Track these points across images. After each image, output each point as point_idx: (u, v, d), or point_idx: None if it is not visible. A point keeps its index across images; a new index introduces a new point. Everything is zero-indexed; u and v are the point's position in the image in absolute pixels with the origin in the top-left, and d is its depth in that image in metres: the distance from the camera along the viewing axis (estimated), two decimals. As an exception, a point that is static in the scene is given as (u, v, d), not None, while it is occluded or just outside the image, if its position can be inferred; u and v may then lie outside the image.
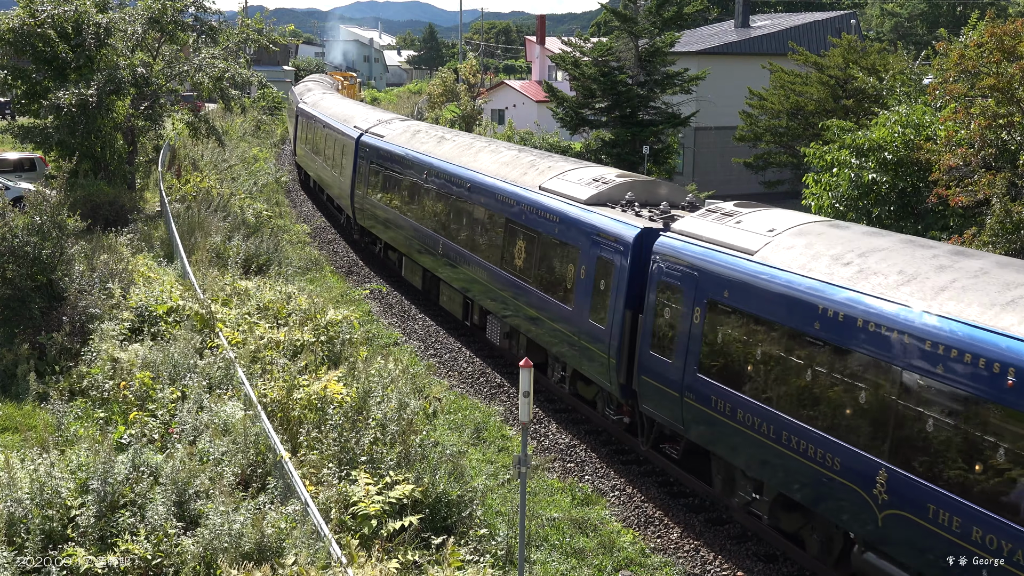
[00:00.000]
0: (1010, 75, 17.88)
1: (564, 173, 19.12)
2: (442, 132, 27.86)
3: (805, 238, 13.13)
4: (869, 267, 11.75)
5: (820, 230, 13.36)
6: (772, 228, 13.72)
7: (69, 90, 28.23)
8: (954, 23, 70.50)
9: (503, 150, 22.75)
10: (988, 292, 10.37)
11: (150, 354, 16.50)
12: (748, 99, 42.12)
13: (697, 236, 14.47)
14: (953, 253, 11.78)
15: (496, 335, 21.10)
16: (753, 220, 14.25)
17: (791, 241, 13.14)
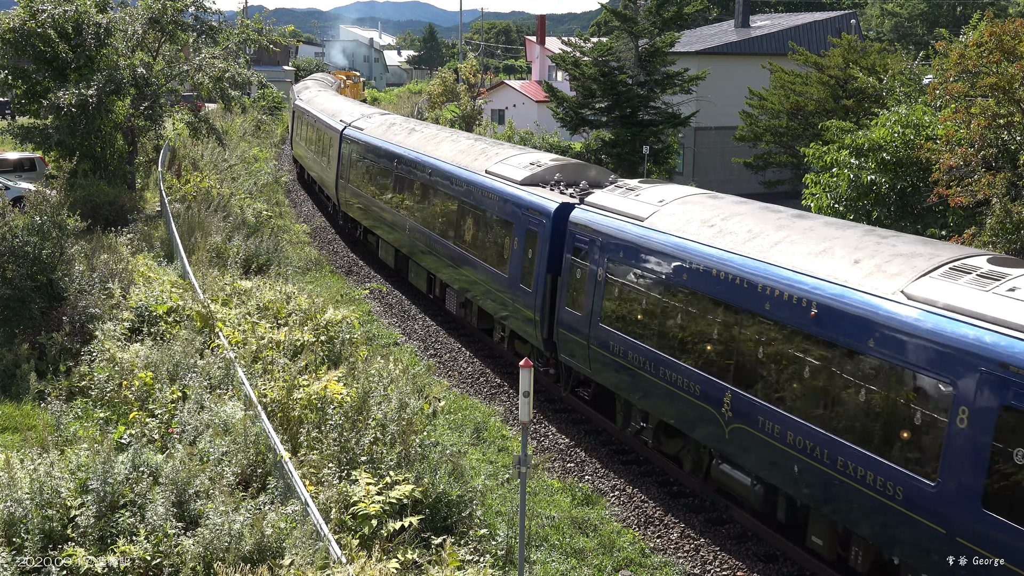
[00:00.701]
0: (1010, 75, 17.88)
1: (507, 158, 21.34)
2: (413, 125, 30.10)
3: (686, 206, 15.60)
4: (727, 228, 14.24)
5: (699, 200, 15.81)
6: (662, 199, 16.19)
7: (69, 90, 28.23)
8: (954, 23, 70.49)
9: (462, 139, 25.23)
10: (808, 245, 12.90)
11: (150, 354, 16.49)
12: (748, 99, 42.12)
13: (603, 207, 16.96)
14: (794, 216, 14.26)
15: (453, 305, 23.44)
16: (649, 193, 16.73)
17: (674, 209, 15.60)
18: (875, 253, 12.14)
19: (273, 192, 41.03)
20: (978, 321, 10.20)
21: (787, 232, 13.43)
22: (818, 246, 12.76)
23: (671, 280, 14.60)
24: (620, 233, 15.97)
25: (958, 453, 9.99)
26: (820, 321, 11.83)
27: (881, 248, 12.25)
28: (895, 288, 11.32)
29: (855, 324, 11.40)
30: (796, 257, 12.73)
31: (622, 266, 15.82)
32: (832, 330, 11.68)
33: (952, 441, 10.05)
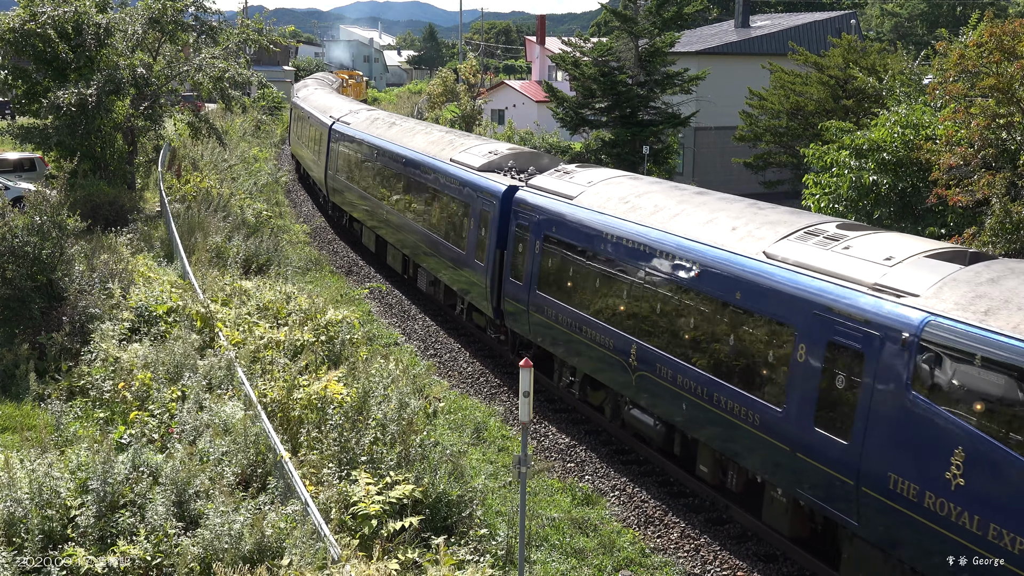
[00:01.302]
0: (1010, 75, 17.87)
1: (469, 148, 23.47)
2: (394, 120, 32.24)
3: (609, 186, 17.69)
4: (638, 204, 16.38)
5: (620, 180, 17.95)
6: (590, 180, 18.29)
7: (69, 90, 28.23)
8: (954, 23, 70.49)
9: (434, 132, 27.47)
10: (700, 216, 14.92)
11: (150, 354, 16.49)
12: (748, 99, 42.10)
13: (543, 189, 19.06)
14: (694, 193, 16.46)
15: (424, 283, 25.84)
16: (580, 175, 18.83)
17: (599, 189, 17.73)
18: (750, 221, 14.20)
19: (273, 192, 41.04)
20: (815, 274, 12.25)
21: (685, 206, 15.58)
22: (707, 217, 14.88)
23: (592, 249, 16.81)
24: (553, 210, 18.16)
25: (797, 383, 12.10)
26: (702, 279, 13.96)
27: (756, 217, 14.29)
28: (758, 249, 13.36)
29: (727, 280, 13.47)
30: (688, 226, 14.84)
31: (554, 239, 18.03)
32: (711, 286, 13.79)
33: (793, 373, 12.16)
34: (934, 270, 11.31)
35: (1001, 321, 9.93)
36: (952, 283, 10.88)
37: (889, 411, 10.77)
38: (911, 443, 10.50)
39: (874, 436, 10.92)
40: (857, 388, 11.21)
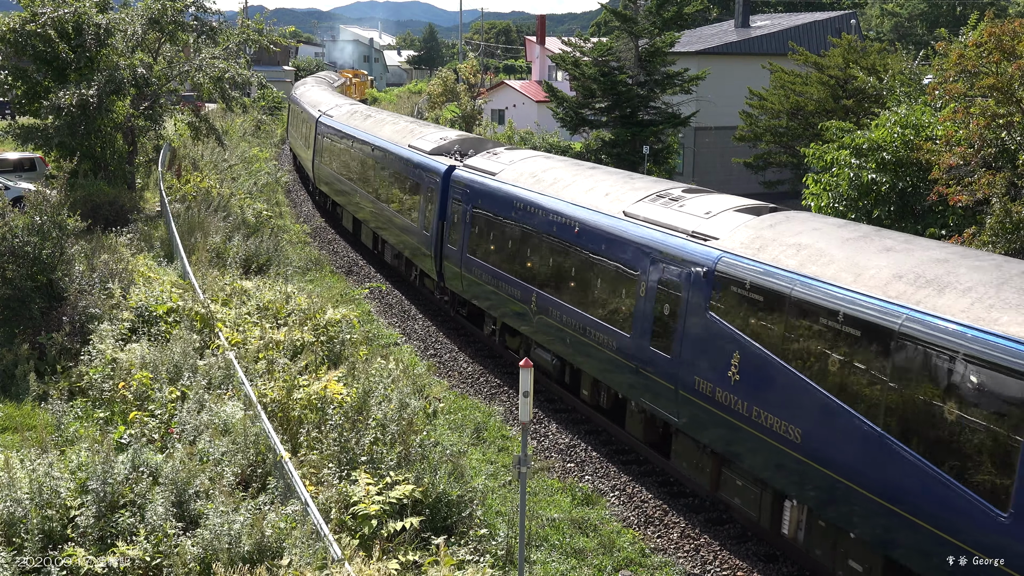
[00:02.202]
0: (1009, 75, 17.86)
1: (425, 135, 26.63)
2: (370, 112, 35.88)
3: (525, 164, 20.69)
4: (543, 178, 19.32)
5: (535, 159, 20.93)
6: (512, 160, 21.35)
7: (69, 90, 28.22)
8: (954, 23, 70.48)
9: (401, 122, 30.86)
10: (586, 186, 17.92)
11: (149, 354, 16.48)
12: (748, 99, 42.08)
13: (475, 168, 21.99)
14: (589, 167, 19.48)
15: (389, 257, 29.36)
16: (505, 156, 22.03)
17: (517, 166, 20.71)
18: (620, 188, 17.17)
19: (273, 192, 41.04)
20: (656, 227, 15.19)
21: (577, 178, 18.58)
22: (591, 186, 17.83)
23: (506, 216, 19.86)
24: (480, 185, 21.24)
25: (640, 313, 15.15)
26: (580, 235, 16.99)
27: (625, 185, 17.36)
28: (620, 210, 16.26)
29: (596, 235, 16.51)
30: (575, 194, 17.85)
31: (480, 209, 21.08)
32: (585, 240, 16.82)
33: (638, 306, 15.21)
34: (735, 220, 14.20)
35: (766, 255, 12.96)
36: (744, 228, 13.84)
37: (695, 329, 13.83)
38: (708, 352, 13.52)
39: (686, 349, 13.98)
40: (677, 313, 14.28)
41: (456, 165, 22.80)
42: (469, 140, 25.13)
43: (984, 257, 11.54)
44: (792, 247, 12.81)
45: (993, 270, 10.83)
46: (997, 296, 10.19)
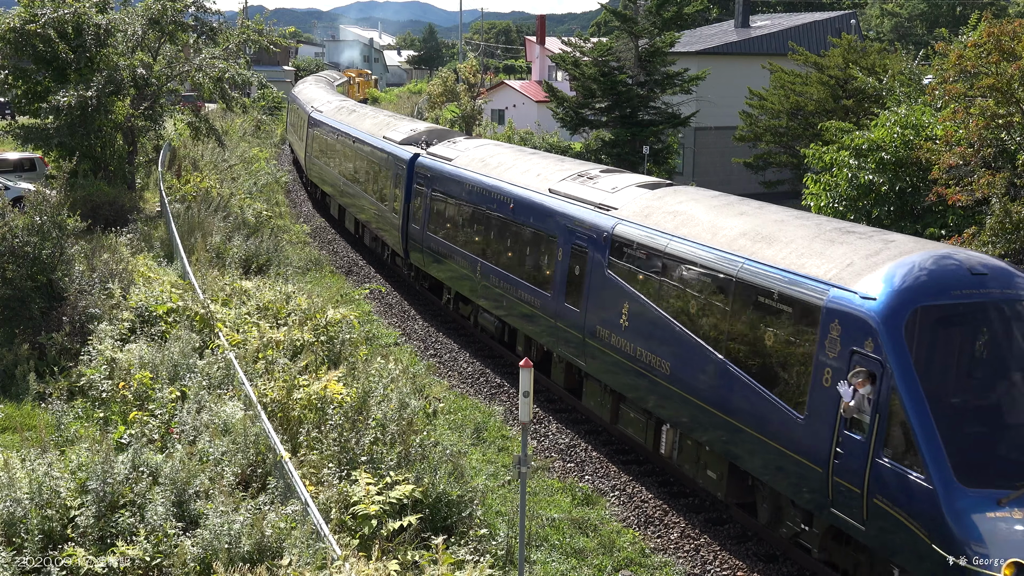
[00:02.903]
0: (1009, 75, 17.87)
1: (398, 127, 29.73)
2: (356, 108, 39.21)
3: (477, 151, 23.48)
4: (490, 163, 22.04)
5: (487, 146, 24.08)
6: (466, 147, 24.13)
7: (69, 90, 28.22)
8: (954, 23, 70.48)
9: (380, 116, 34.19)
10: (524, 168, 20.64)
11: (148, 354, 16.47)
12: (748, 99, 42.07)
13: (435, 155, 24.74)
14: (529, 153, 22.68)
15: (368, 239, 32.32)
16: (461, 144, 24.85)
17: (470, 153, 23.50)
18: (550, 170, 19.90)
19: (273, 192, 41.03)
20: (572, 201, 17.75)
21: (518, 162, 21.34)
22: (527, 168, 20.66)
23: (458, 196, 22.60)
24: (437, 170, 23.97)
25: (558, 274, 17.76)
26: (514, 210, 19.71)
27: (556, 167, 20.07)
28: (546, 187, 19.01)
29: (526, 209, 19.29)
30: (513, 175, 20.55)
31: (438, 191, 23.82)
32: (518, 214, 19.57)
33: (556, 269, 17.86)
34: (634, 193, 16.76)
35: (651, 221, 15.51)
36: (638, 200, 16.44)
37: (597, 285, 16.44)
38: (606, 304, 16.12)
39: (590, 303, 16.60)
40: (584, 272, 16.88)
41: (420, 153, 25.51)
42: (435, 131, 27.72)
43: (811, 218, 14.20)
44: (671, 214, 15.39)
45: (813, 227, 13.23)
46: (809, 247, 12.62)
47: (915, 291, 11.05)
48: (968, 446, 10.49)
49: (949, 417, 10.56)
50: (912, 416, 10.47)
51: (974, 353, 11.20)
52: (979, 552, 9.91)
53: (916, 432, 10.40)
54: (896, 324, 10.87)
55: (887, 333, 10.85)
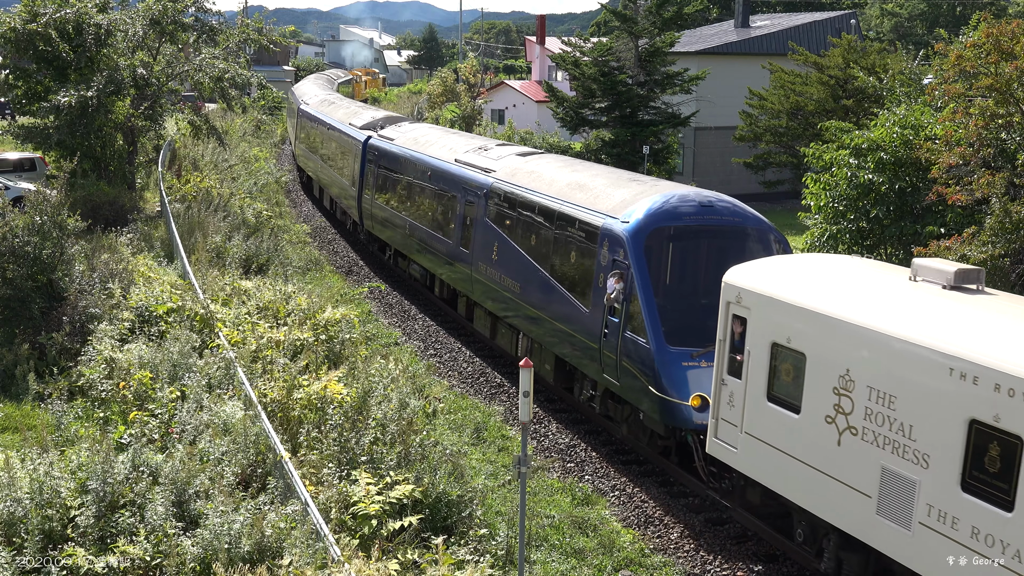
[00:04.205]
0: (1007, 75, 17.85)
1: (362, 115, 35.42)
2: (335, 100, 45.19)
3: (415, 131, 29.08)
4: (423, 141, 27.09)
5: (422, 128, 29.87)
6: (407, 130, 29.75)
7: (69, 90, 28.21)
8: (954, 23, 70.47)
9: (352, 107, 40.39)
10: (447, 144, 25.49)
11: (147, 354, 16.47)
12: (748, 99, 42.04)
13: (383, 136, 30.12)
14: (453, 133, 28.54)
15: (338, 213, 37.15)
16: (405, 126, 30.92)
17: (409, 133, 28.94)
18: (460, 144, 24.95)
19: (273, 192, 41.02)
20: (469, 168, 22.69)
21: (441, 139, 26.54)
22: (447, 144, 25.54)
23: (395, 169, 27.72)
24: (382, 148, 29.22)
25: (456, 225, 22.63)
26: (431, 177, 24.59)
27: (467, 142, 25.17)
28: (453, 158, 23.93)
29: (438, 175, 24.17)
30: (435, 150, 25.51)
31: (382, 165, 28.92)
32: (433, 180, 24.40)
33: (455, 221, 22.69)
34: (510, 160, 21.78)
35: (514, 179, 20.40)
36: (512, 164, 21.43)
37: (479, 230, 21.35)
38: (484, 245, 20.95)
39: (475, 244, 21.46)
40: (472, 222, 21.71)
41: (372, 135, 30.79)
42: (390, 118, 33.88)
43: (616, 172, 19.74)
44: (529, 173, 20.32)
45: (613, 179, 18.34)
46: (603, 191, 17.56)
47: (653, 217, 15.71)
48: (674, 320, 15.03)
49: (664, 302, 15.18)
50: (642, 302, 15.09)
51: (687, 259, 15.83)
52: (678, 389, 14.47)
53: (644, 312, 15.02)
54: (638, 240, 15.50)
55: (631, 246, 15.49)
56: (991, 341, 10.04)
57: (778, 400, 12.38)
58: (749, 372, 12.80)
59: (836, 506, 11.47)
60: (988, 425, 9.66)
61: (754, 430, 12.75)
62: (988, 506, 9.64)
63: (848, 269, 13.23)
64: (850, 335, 11.22)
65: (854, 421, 11.17)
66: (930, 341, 10.32)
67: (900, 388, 10.60)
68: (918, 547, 10.40)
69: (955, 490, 9.96)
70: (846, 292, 12.00)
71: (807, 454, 11.86)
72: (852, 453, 11.20)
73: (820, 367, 11.65)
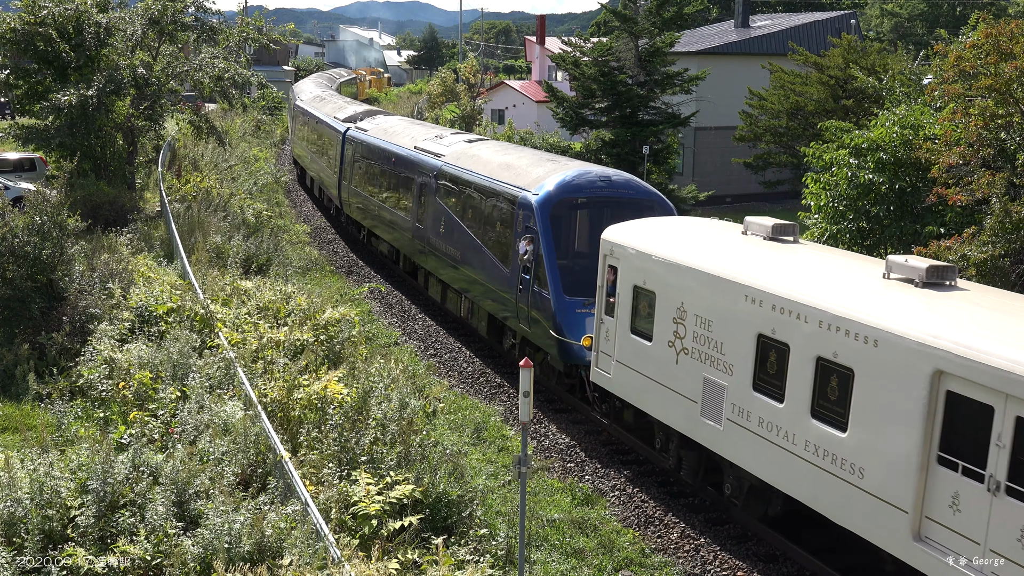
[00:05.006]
0: (1007, 76, 17.85)
1: (346, 109, 38.99)
2: (326, 96, 48.65)
3: (386, 123, 32.41)
4: (389, 130, 30.59)
5: (391, 119, 33.85)
6: (379, 122, 32.87)
7: (69, 90, 28.21)
8: (954, 23, 70.46)
9: (339, 102, 44.21)
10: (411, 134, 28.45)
11: (147, 354, 16.47)
12: (748, 99, 42.03)
13: (360, 127, 33.26)
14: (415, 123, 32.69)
15: (325, 199, 39.96)
16: (378, 119, 34.26)
17: (380, 125, 32.13)
18: (420, 133, 28.21)
19: (273, 192, 41.02)
20: (425, 153, 25.68)
21: (405, 130, 29.75)
22: (410, 133, 28.76)
23: (367, 156, 30.79)
24: (359, 138, 32.37)
25: (412, 202, 25.71)
26: (395, 163, 27.77)
27: (427, 131, 28.45)
28: (413, 145, 26.99)
29: (400, 160, 27.25)
30: (399, 139, 28.55)
31: (358, 153, 32.05)
32: (398, 166, 27.45)
33: (413, 200, 25.69)
34: (458, 145, 24.81)
35: (459, 161, 23.34)
36: (459, 149, 24.46)
37: (430, 207, 24.42)
38: (434, 219, 24.00)
39: (427, 220, 24.55)
40: (425, 199, 24.77)
41: (351, 127, 34.05)
42: (369, 111, 37.57)
43: (540, 155, 22.86)
44: (471, 156, 23.32)
45: (536, 160, 21.52)
46: (525, 170, 20.54)
47: (558, 190, 18.85)
48: (571, 275, 17.95)
49: (564, 260, 18.26)
50: (546, 261, 18.17)
51: (585, 225, 18.63)
52: (573, 332, 17.36)
53: (547, 269, 18.07)
54: (544, 210, 18.58)
55: (539, 214, 18.55)
56: (775, 275, 12.97)
57: (638, 332, 15.38)
58: (618, 311, 15.81)
59: (676, 413, 14.47)
60: (769, 337, 12.57)
61: (623, 358, 15.77)
62: (769, 400, 12.59)
63: (696, 228, 16.36)
64: (684, 275, 14.28)
65: (687, 344, 14.19)
66: (734, 275, 13.26)
67: (715, 314, 13.58)
68: (726, 437, 13.43)
69: (748, 390, 12.97)
70: (687, 244, 15.04)
71: (657, 373, 14.85)
72: (685, 369, 14.20)
73: (665, 302, 14.66)
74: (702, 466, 14.72)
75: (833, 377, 11.56)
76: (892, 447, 10.77)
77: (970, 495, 9.95)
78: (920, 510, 10.50)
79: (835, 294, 11.88)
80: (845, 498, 11.42)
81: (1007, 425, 9.60)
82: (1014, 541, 9.48)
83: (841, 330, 11.39)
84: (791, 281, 12.56)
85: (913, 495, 10.49)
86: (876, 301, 11.45)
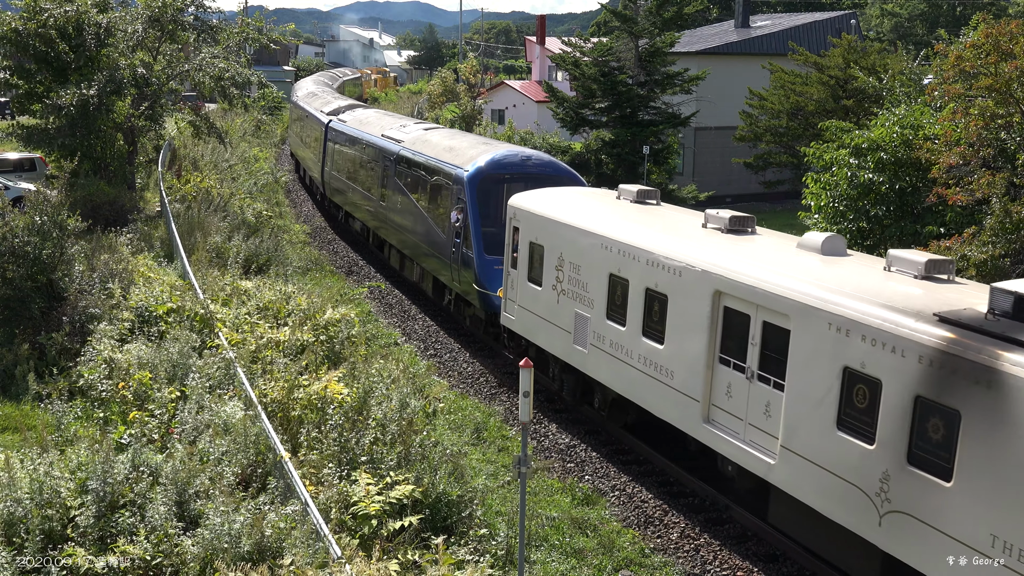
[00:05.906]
0: (1007, 76, 17.86)
1: (331, 103, 42.43)
2: (318, 93, 51.57)
3: (360, 114, 36.19)
4: (363, 121, 34.05)
5: (366, 111, 38.70)
6: (356, 114, 36.22)
7: (70, 90, 28.20)
8: (954, 23, 70.46)
9: (327, 97, 47.87)
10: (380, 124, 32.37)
11: (147, 354, 16.46)
12: (748, 99, 42.03)
13: (340, 119, 36.38)
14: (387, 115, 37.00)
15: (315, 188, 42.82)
16: (357, 111, 37.72)
17: (357, 116, 35.73)
18: (389, 123, 31.24)
19: (273, 192, 41.03)
20: (390, 140, 28.82)
21: (376, 121, 32.63)
22: (378, 124, 31.71)
23: (342, 144, 34.16)
24: (339, 128, 35.40)
25: (376, 183, 29.33)
26: (365, 149, 30.45)
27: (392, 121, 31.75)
28: (381, 133, 29.89)
29: (370, 147, 30.33)
30: (372, 128, 31.63)
31: (337, 142, 35.30)
32: (367, 152, 30.55)
33: (377, 180, 29.32)
34: (416, 132, 28.27)
35: (416, 146, 26.49)
36: (416, 135, 27.79)
37: (390, 187, 27.60)
38: (393, 196, 27.13)
39: (387, 195, 28.00)
40: (387, 181, 28.07)
41: (333, 119, 37.29)
42: (352, 105, 41.33)
43: (478, 139, 26.59)
44: (424, 141, 26.44)
45: (473, 143, 24.72)
46: (464, 151, 23.63)
47: (484, 167, 22.10)
48: (491, 238, 21.08)
49: (488, 228, 21.29)
50: (472, 226, 21.33)
51: (505, 196, 20.73)
52: (491, 284, 20.56)
53: (472, 233, 21.28)
54: (473, 184, 21.81)
55: (468, 188, 21.79)
56: (624, 228, 16.16)
57: (533, 280, 18.53)
58: (519, 263, 19.01)
59: (557, 343, 17.72)
60: (616, 275, 15.84)
61: (523, 303, 18.91)
62: (616, 326, 15.87)
63: (580, 195, 19.41)
64: (563, 230, 17.48)
65: (565, 286, 17.40)
66: (596, 229, 16.56)
67: (583, 260, 16.77)
68: (590, 359, 16.67)
69: (603, 320, 16.20)
70: (570, 207, 18.14)
71: (545, 312, 18.05)
72: (563, 306, 17.42)
73: (550, 254, 17.83)
74: (579, 387, 17.84)
75: (656, 303, 14.89)
76: (690, 352, 14.14)
77: (737, 384, 13.33)
78: (708, 399, 13.91)
79: (659, 240, 15.28)
80: (663, 397, 14.77)
81: (757, 328, 12.94)
82: (761, 414, 12.85)
83: (660, 265, 14.77)
84: (633, 232, 15.89)
85: (703, 387, 13.90)
86: (686, 244, 14.84)
